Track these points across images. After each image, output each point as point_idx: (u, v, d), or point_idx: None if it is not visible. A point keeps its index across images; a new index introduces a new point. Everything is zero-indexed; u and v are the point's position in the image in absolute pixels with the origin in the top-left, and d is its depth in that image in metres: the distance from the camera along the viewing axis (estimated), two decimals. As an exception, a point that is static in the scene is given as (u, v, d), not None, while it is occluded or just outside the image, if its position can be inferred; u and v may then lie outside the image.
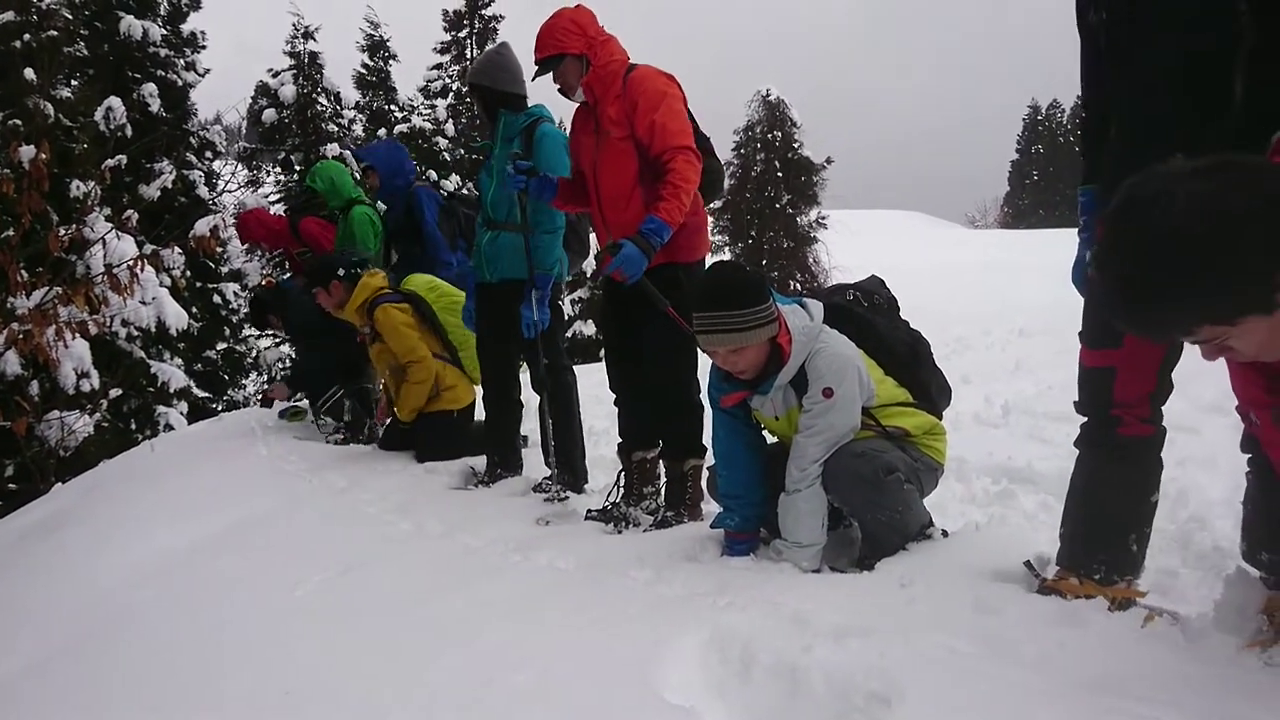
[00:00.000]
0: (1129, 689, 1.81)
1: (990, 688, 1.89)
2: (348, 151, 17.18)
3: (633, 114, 3.67)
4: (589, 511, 3.97)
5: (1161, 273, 1.48)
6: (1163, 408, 2.52)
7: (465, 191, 18.31)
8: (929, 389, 3.28)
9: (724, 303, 2.89)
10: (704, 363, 3.36)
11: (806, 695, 1.99)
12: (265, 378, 18.62)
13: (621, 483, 4.06)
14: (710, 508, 4.05)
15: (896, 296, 3.50)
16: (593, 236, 4.79)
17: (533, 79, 4.15)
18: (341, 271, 5.56)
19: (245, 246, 18.13)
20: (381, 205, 6.77)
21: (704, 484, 3.78)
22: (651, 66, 3.81)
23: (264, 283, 7.90)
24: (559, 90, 3.92)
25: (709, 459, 3.61)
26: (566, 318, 6.18)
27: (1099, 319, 2.46)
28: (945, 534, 3.06)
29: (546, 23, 3.82)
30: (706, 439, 3.85)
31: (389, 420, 5.88)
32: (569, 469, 4.50)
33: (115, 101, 12.27)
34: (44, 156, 6.63)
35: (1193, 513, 3.73)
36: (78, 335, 7.96)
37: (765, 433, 3.36)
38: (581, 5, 3.86)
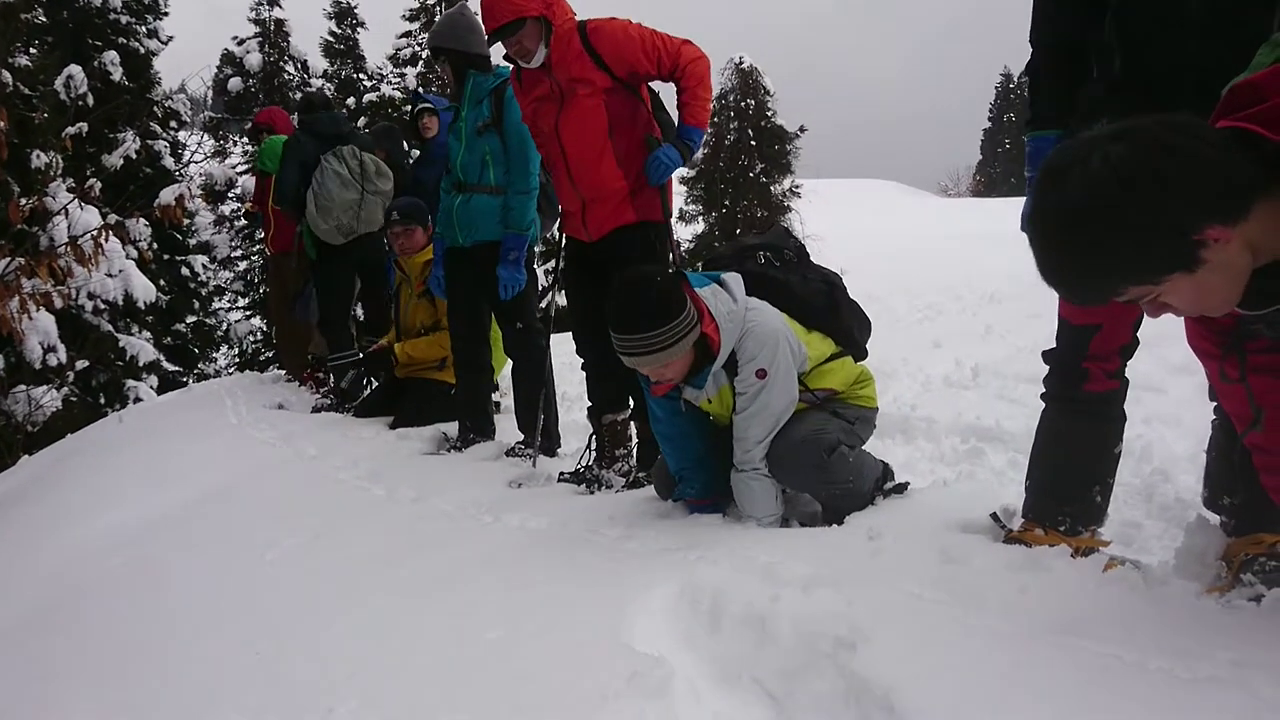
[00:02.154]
0: (1089, 630, 1.84)
1: (954, 631, 1.91)
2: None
3: (626, 57, 3.63)
4: (561, 474, 3.98)
5: (1081, 237, 1.50)
6: (1129, 361, 2.53)
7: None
8: (851, 331, 3.21)
9: (640, 325, 2.73)
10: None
11: (774, 643, 2.00)
12: (236, 351, 18.47)
13: (593, 446, 4.06)
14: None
15: (805, 245, 3.41)
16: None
17: (489, 45, 4.07)
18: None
19: (214, 219, 17.95)
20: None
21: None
22: (599, 17, 3.76)
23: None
24: (509, 56, 3.80)
25: None
26: (542, 288, 6.17)
27: None
28: (906, 486, 3.09)
29: None
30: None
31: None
32: (542, 433, 4.49)
33: (75, 69, 12.05)
34: (2, 125, 6.50)
35: (1157, 466, 3.79)
36: (42, 308, 7.87)
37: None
38: None
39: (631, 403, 4.00)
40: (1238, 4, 2.10)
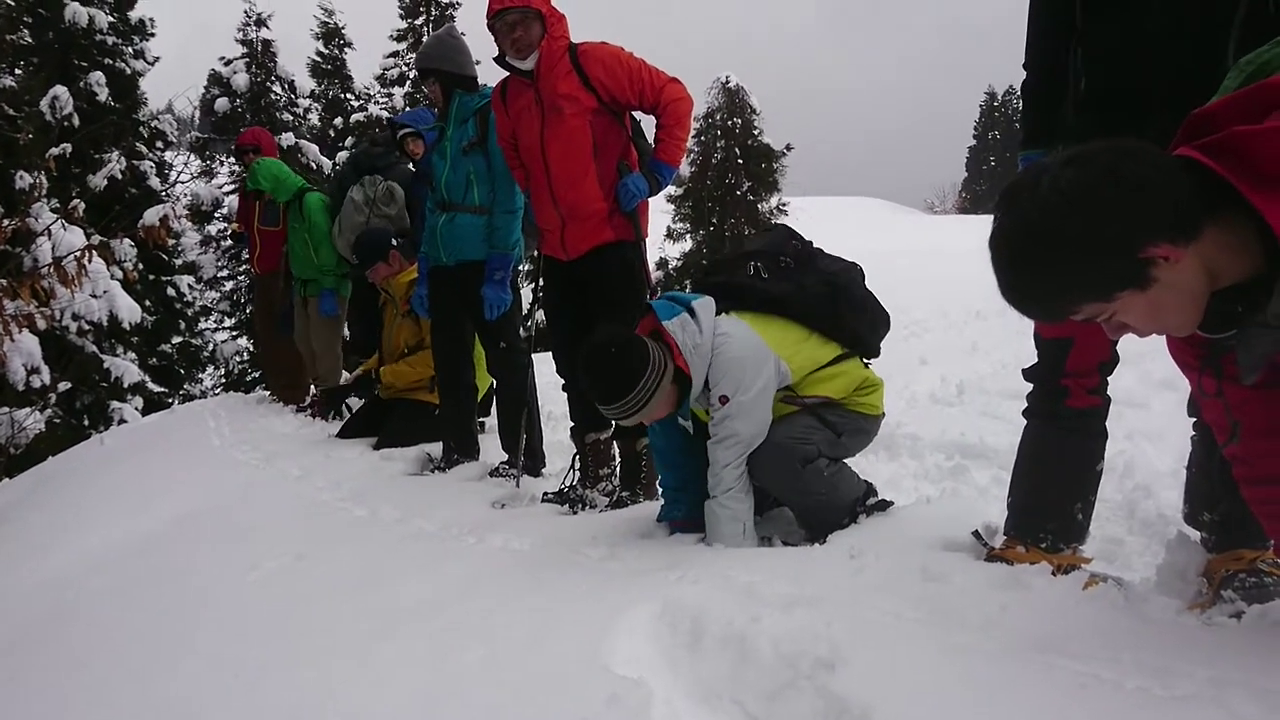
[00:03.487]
0: (1069, 648, 1.83)
1: (933, 650, 1.90)
2: (303, 141, 16.95)
3: (613, 84, 3.67)
4: (545, 494, 3.97)
5: (1031, 255, 1.55)
6: (1109, 378, 2.54)
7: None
8: (857, 332, 3.17)
9: (613, 396, 2.82)
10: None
11: (754, 663, 1.99)
12: (223, 371, 18.39)
13: (577, 465, 4.05)
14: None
15: (810, 241, 3.35)
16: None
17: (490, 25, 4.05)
18: (396, 241, 5.69)
19: (200, 239, 17.91)
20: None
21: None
22: (594, 41, 3.79)
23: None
24: (507, 52, 3.74)
25: None
26: (528, 307, 6.20)
27: None
28: (889, 504, 3.08)
29: None
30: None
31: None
32: (526, 453, 4.48)
33: (61, 90, 12.05)
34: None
35: (1139, 482, 3.80)
36: (25, 329, 7.82)
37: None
38: None
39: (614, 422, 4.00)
40: (1195, 27, 2.14)
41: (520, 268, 4.96)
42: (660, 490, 3.31)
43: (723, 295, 3.09)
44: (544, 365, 4.86)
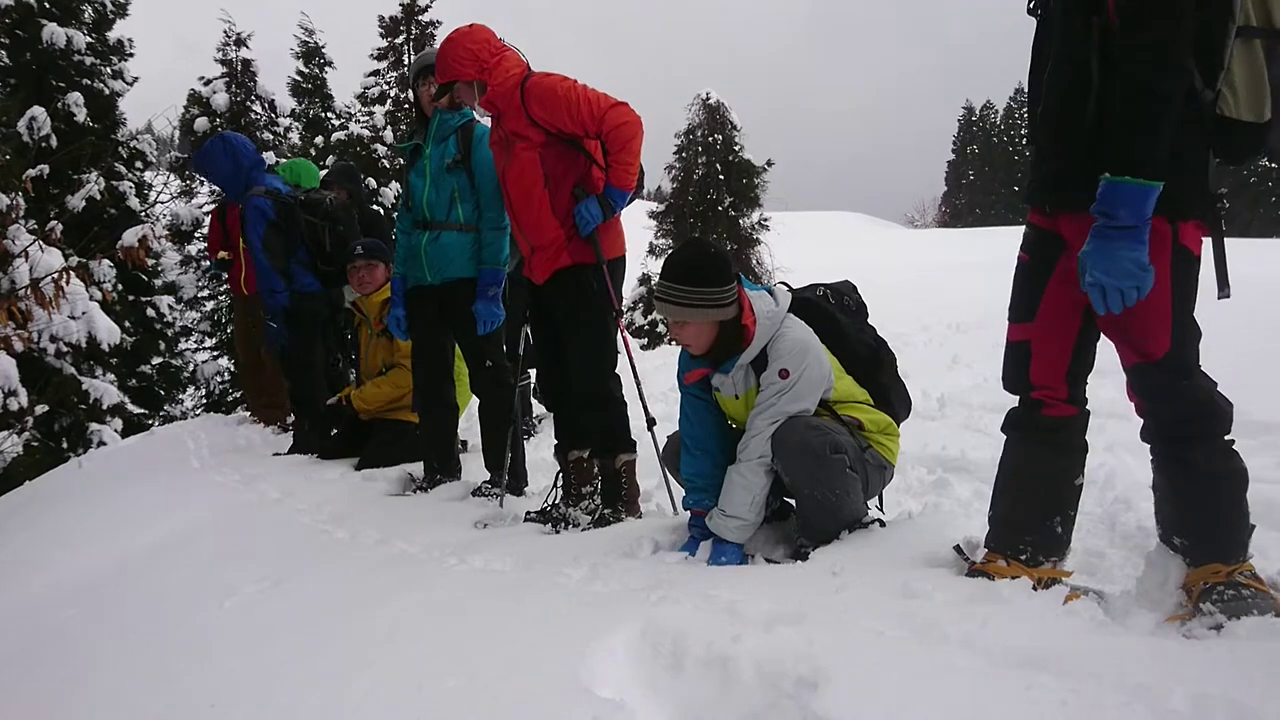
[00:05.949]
0: (1050, 663, 1.84)
1: (914, 667, 1.90)
2: (284, 159, 16.89)
3: (553, 119, 3.69)
4: (528, 514, 3.95)
5: None
6: (1084, 388, 2.56)
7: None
8: (888, 394, 3.33)
9: (679, 277, 3.00)
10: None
11: (737, 684, 1.98)
12: (203, 392, 18.24)
13: (560, 484, 4.03)
14: (648, 505, 4.05)
15: (866, 303, 3.57)
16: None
17: (435, 100, 4.33)
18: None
19: (180, 259, 17.80)
20: None
21: (659, 458, 3.76)
22: (542, 72, 3.82)
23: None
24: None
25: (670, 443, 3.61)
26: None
27: (1019, 293, 2.53)
28: (878, 523, 3.09)
29: (443, 47, 3.91)
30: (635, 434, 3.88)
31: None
32: (509, 471, 4.46)
33: (38, 111, 11.96)
34: (-39, 168, 6.43)
35: (1119, 494, 3.82)
36: (2, 351, 7.75)
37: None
38: (476, 25, 3.91)
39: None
40: (1065, 84, 2.29)
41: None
42: (684, 480, 3.34)
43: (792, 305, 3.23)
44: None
